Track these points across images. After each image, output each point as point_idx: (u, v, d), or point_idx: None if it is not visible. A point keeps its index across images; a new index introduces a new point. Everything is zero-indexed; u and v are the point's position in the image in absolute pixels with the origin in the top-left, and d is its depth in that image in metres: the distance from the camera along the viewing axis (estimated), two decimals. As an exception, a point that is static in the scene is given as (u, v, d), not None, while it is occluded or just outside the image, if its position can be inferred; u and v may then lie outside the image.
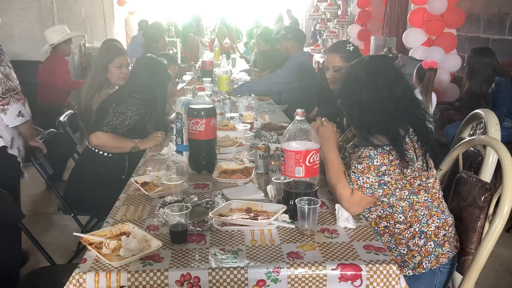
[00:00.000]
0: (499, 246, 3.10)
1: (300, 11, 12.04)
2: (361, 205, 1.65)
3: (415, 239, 1.70)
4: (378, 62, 1.77)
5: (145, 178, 2.00)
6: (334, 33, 9.27)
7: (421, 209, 1.70)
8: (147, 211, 1.70)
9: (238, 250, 1.41)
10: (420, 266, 1.70)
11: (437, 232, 1.71)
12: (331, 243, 1.45)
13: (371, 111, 1.67)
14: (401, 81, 1.73)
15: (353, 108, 1.72)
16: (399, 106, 1.67)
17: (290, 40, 3.99)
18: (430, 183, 1.70)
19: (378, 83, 1.68)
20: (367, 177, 1.61)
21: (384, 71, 1.72)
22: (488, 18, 4.75)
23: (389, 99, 1.67)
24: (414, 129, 1.68)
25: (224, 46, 6.80)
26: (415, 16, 5.15)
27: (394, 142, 1.60)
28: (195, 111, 1.99)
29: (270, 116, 3.27)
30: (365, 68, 1.73)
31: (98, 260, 1.36)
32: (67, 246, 3.13)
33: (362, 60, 1.80)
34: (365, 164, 1.62)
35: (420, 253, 1.70)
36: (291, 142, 1.61)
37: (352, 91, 1.72)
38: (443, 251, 1.71)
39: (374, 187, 1.61)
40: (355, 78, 1.72)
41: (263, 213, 1.61)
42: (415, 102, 1.74)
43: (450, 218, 1.76)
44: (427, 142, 1.67)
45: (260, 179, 2.03)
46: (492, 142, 1.76)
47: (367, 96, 1.68)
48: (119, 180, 2.47)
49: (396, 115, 1.65)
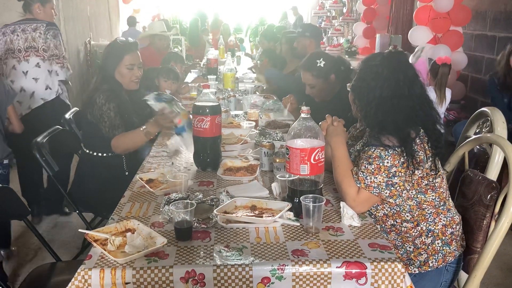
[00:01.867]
0: (505, 245, 3.07)
1: (305, 9, 12.00)
2: (367, 204, 1.64)
3: (422, 237, 1.69)
4: (399, 58, 1.73)
5: (150, 175, 2.00)
6: (339, 31, 9.24)
7: (428, 208, 1.68)
8: (152, 208, 1.70)
9: (243, 247, 1.40)
10: (426, 264, 1.69)
11: (445, 231, 1.70)
12: (336, 241, 1.45)
13: (391, 108, 1.63)
14: (419, 79, 1.70)
15: (371, 103, 1.68)
16: (417, 105, 1.65)
17: (308, 38, 3.93)
18: (437, 182, 1.68)
19: (399, 80, 1.65)
20: (375, 177, 1.60)
21: (405, 68, 1.69)
22: (494, 16, 4.71)
23: (408, 97, 1.64)
24: (427, 131, 1.65)
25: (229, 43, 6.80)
26: (421, 14, 5.12)
27: (404, 143, 1.58)
28: (200, 109, 1.99)
29: (274, 113, 3.27)
30: (385, 63, 1.69)
31: (103, 256, 1.36)
32: (72, 243, 3.15)
33: (379, 55, 1.77)
34: (375, 165, 1.60)
35: (427, 251, 1.69)
36: (296, 140, 1.60)
37: (372, 86, 1.67)
38: (450, 250, 1.70)
39: (381, 187, 1.60)
40: (375, 73, 1.68)
41: (268, 211, 1.61)
42: (430, 103, 1.71)
43: (457, 217, 1.75)
44: (438, 144, 1.65)
45: (265, 177, 2.02)
46: (499, 140, 1.75)
47: (389, 92, 1.64)
48: (122, 178, 2.47)
49: (412, 115, 1.63)
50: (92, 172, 2.51)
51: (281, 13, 11.93)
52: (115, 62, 2.44)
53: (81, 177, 2.58)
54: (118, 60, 2.43)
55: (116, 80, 2.46)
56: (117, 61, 2.43)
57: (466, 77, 5.09)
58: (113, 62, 2.44)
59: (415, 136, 1.61)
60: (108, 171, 2.48)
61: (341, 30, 9.30)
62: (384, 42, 6.41)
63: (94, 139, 2.46)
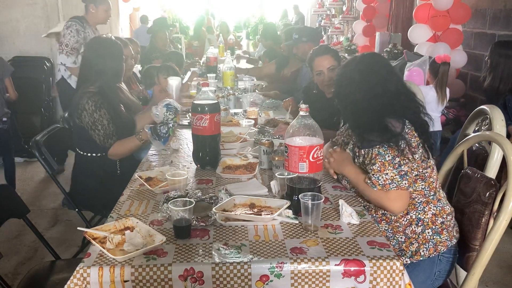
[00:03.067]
0: (504, 243, 3.08)
1: (305, 7, 11.99)
2: (401, 201, 1.66)
3: (412, 226, 1.72)
4: (369, 60, 1.81)
5: (149, 173, 2.00)
6: (339, 29, 9.23)
7: (418, 197, 1.73)
8: (151, 206, 1.70)
9: (241, 245, 1.41)
10: (417, 253, 1.72)
11: (434, 220, 1.73)
12: (335, 239, 1.45)
13: (366, 109, 1.69)
14: (394, 76, 1.78)
15: (348, 108, 1.77)
16: (393, 101, 1.70)
17: (305, 43, 3.87)
18: (427, 172, 1.72)
19: (371, 82, 1.72)
20: (385, 173, 1.63)
21: (377, 68, 1.76)
22: (494, 14, 4.70)
23: (382, 95, 1.69)
24: (410, 121, 1.69)
25: (228, 42, 6.80)
26: (421, 12, 5.11)
27: (392, 135, 1.63)
28: (199, 107, 1.99)
29: (274, 112, 3.26)
30: (358, 67, 1.77)
31: (102, 254, 1.36)
32: (71, 241, 3.15)
33: (354, 59, 1.85)
34: (379, 163, 1.63)
35: (418, 240, 1.72)
36: (295, 138, 1.60)
37: (347, 91, 1.76)
38: (441, 239, 1.73)
39: (396, 180, 1.63)
40: (349, 79, 1.76)
41: (266, 209, 1.61)
42: (409, 95, 1.77)
43: (447, 207, 1.78)
44: (423, 131, 1.70)
45: (264, 175, 2.03)
46: (498, 138, 1.75)
47: (361, 95, 1.71)
48: (115, 177, 2.49)
49: (389, 110, 1.68)
50: (86, 171, 2.52)
51: (281, 11, 11.92)
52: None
53: (77, 176, 2.59)
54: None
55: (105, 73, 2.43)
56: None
57: (466, 75, 5.09)
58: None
59: (401, 126, 1.65)
60: (103, 170, 2.48)
61: (341, 28, 9.29)
62: (383, 40, 6.40)
63: (85, 142, 2.45)
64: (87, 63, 2.48)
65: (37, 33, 5.45)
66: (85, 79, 2.46)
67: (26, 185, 4.30)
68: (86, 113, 2.33)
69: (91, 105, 2.32)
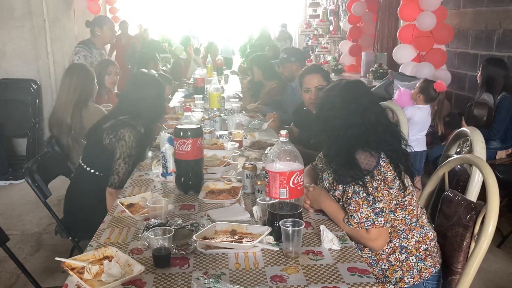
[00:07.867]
0: (490, 262, 3.09)
1: (293, 27, 12.12)
2: (382, 238, 1.67)
3: (395, 254, 1.72)
4: (353, 87, 1.81)
5: (131, 199, 1.98)
6: (326, 49, 9.34)
7: (400, 225, 1.73)
8: (131, 234, 1.68)
9: (221, 274, 1.39)
10: (402, 281, 1.71)
11: (418, 247, 1.73)
12: (315, 266, 1.44)
13: (341, 138, 1.70)
14: (375, 106, 1.78)
15: (326, 133, 1.77)
16: (370, 132, 1.69)
17: (294, 63, 4.01)
18: (407, 200, 1.72)
19: (351, 110, 1.72)
20: (360, 212, 1.63)
21: (359, 97, 1.76)
22: (476, 34, 4.80)
23: (360, 125, 1.69)
24: (385, 153, 1.69)
25: (217, 62, 6.83)
26: (405, 32, 5.21)
27: (366, 174, 1.62)
28: (181, 131, 1.99)
29: (260, 133, 3.27)
30: (341, 93, 1.77)
31: (80, 286, 1.34)
32: (55, 267, 3.09)
33: (338, 84, 1.85)
34: (353, 203, 1.65)
35: (402, 267, 1.71)
36: (275, 163, 1.60)
37: (327, 116, 1.76)
38: (426, 266, 1.72)
39: (371, 218, 1.62)
40: (331, 104, 1.77)
41: (248, 235, 1.60)
42: (389, 127, 1.77)
43: (431, 233, 1.78)
44: (400, 163, 1.69)
45: (247, 199, 2.02)
46: (476, 160, 1.77)
47: (339, 122, 1.72)
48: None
49: (365, 142, 1.67)
50: (84, 189, 2.50)
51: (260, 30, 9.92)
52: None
53: (73, 196, 2.57)
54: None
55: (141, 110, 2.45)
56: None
57: (450, 94, 5.16)
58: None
59: (375, 159, 1.64)
60: (100, 191, 2.45)
61: (328, 47, 9.41)
62: (369, 59, 6.49)
63: (97, 159, 2.45)
64: (133, 95, 2.48)
65: (24, 55, 5.45)
66: (127, 110, 2.45)
67: (11, 209, 4.24)
68: (125, 144, 2.35)
69: (132, 140, 2.36)
